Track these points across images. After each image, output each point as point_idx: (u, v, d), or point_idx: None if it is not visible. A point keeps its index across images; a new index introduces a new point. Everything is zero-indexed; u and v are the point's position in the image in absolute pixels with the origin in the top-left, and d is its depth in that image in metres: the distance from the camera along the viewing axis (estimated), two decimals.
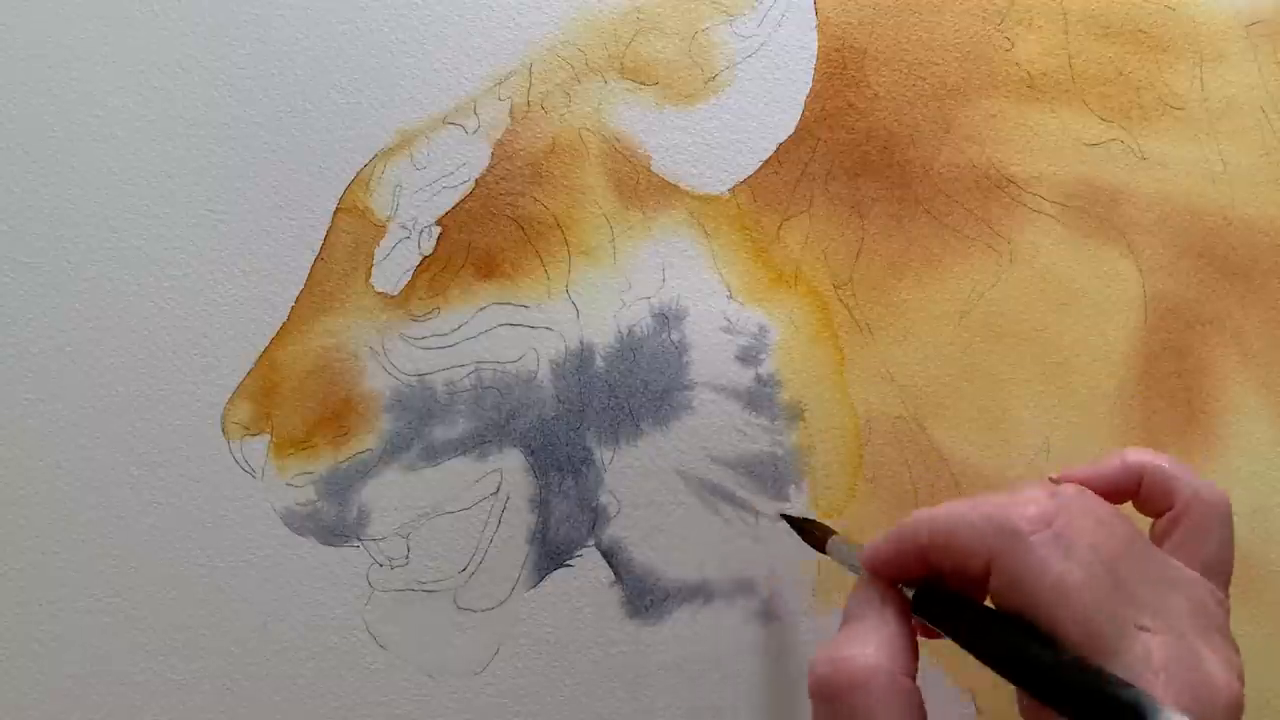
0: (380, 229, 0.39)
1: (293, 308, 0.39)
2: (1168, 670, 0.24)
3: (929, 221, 0.43)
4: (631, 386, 0.40)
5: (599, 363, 0.40)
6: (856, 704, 0.26)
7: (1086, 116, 0.45)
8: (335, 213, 0.39)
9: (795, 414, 0.42)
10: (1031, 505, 0.26)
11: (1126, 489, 0.32)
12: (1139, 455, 0.32)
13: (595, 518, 0.40)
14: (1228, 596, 0.29)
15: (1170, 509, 0.31)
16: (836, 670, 0.26)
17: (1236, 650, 0.27)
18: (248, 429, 0.38)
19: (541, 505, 0.39)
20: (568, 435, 0.40)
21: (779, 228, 0.42)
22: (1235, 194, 0.46)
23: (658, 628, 0.40)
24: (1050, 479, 0.33)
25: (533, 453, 0.40)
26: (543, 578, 0.39)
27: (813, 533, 0.38)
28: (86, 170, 0.38)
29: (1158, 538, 0.31)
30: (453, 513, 0.39)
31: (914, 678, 0.27)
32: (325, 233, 0.39)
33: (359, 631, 0.38)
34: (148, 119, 0.38)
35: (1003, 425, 0.44)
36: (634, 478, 0.40)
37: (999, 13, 0.45)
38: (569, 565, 0.40)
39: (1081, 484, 0.31)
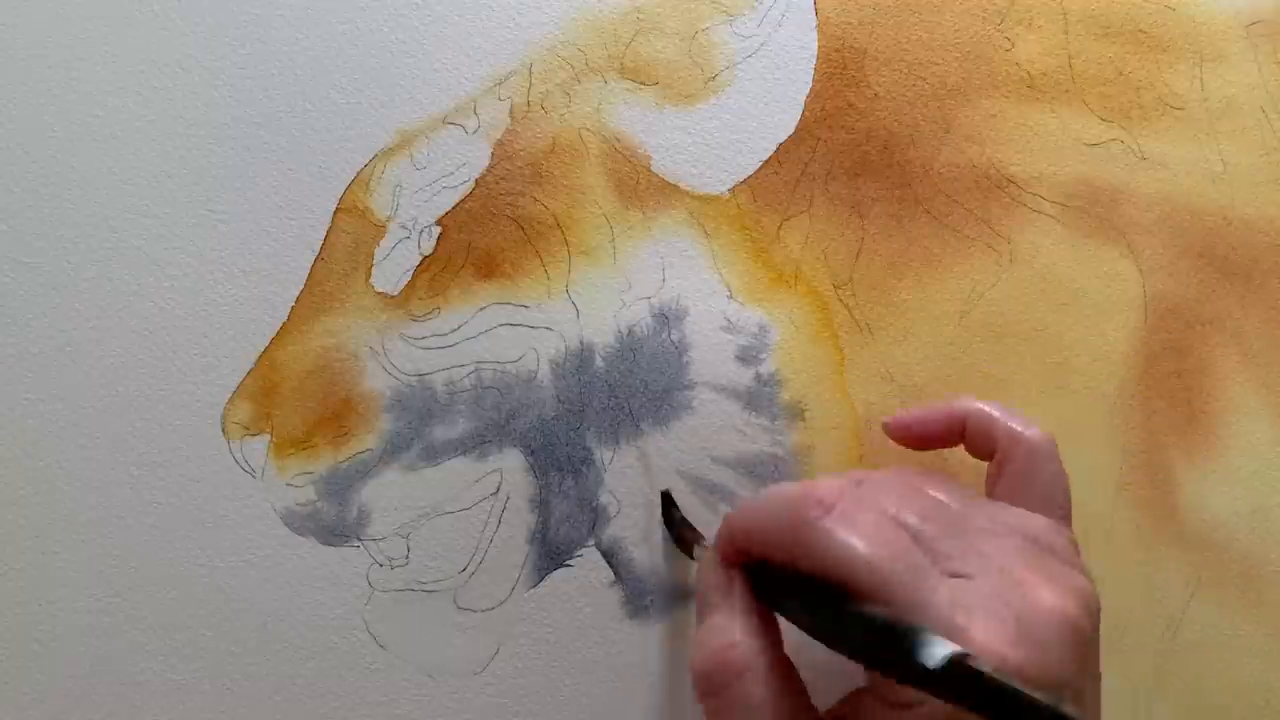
0: (380, 229, 0.39)
1: (293, 308, 0.39)
2: (983, 607, 0.25)
3: (929, 221, 0.43)
4: (631, 386, 0.40)
5: (599, 363, 0.40)
6: (742, 691, 0.27)
7: (1086, 116, 0.45)
8: (335, 213, 0.39)
9: (795, 414, 0.42)
10: (819, 490, 0.27)
11: (952, 434, 0.34)
12: (965, 402, 0.34)
13: (595, 518, 0.40)
14: (1069, 527, 0.30)
15: (994, 453, 0.33)
16: (716, 665, 0.27)
17: (1086, 577, 0.28)
18: (248, 429, 0.38)
19: (541, 505, 0.39)
20: (568, 435, 0.40)
21: (779, 228, 0.42)
22: (1235, 194, 0.46)
23: (658, 628, 0.40)
24: (883, 423, 0.35)
25: (533, 453, 0.40)
26: (543, 578, 0.39)
27: (683, 535, 0.38)
28: (86, 170, 0.38)
29: (989, 482, 0.33)
30: (453, 513, 0.39)
31: (781, 648, 0.28)
32: (325, 233, 0.39)
33: (359, 631, 0.38)
34: (148, 119, 0.38)
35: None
36: (634, 478, 0.40)
37: (999, 13, 0.45)
38: (569, 565, 0.40)
39: (908, 428, 0.34)
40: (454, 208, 0.40)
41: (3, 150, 0.37)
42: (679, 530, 0.39)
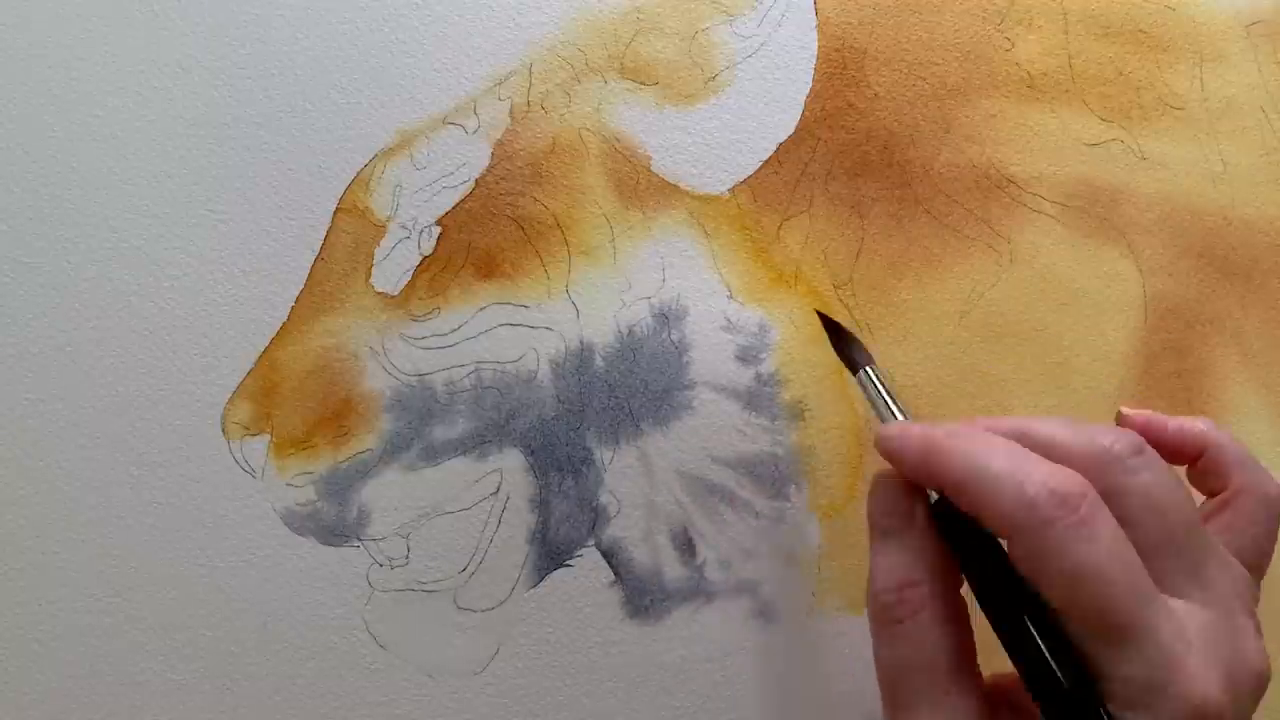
0: (380, 229, 0.39)
1: (293, 308, 0.39)
2: (1201, 641, 0.25)
3: (929, 221, 0.43)
4: (631, 386, 0.40)
5: (599, 363, 0.40)
6: (915, 630, 0.27)
7: (1086, 116, 0.45)
8: (335, 213, 0.39)
9: (796, 414, 0.42)
10: (1056, 482, 0.25)
11: (1184, 456, 0.32)
12: (1205, 427, 0.32)
13: (595, 518, 0.40)
14: (1259, 588, 0.29)
15: (1222, 490, 0.31)
16: (897, 599, 0.27)
17: (1261, 634, 0.27)
18: (248, 429, 0.38)
19: (541, 505, 0.39)
20: (568, 435, 0.40)
21: (779, 228, 0.42)
22: (1235, 194, 0.46)
23: (658, 628, 0.40)
24: (1120, 412, 0.33)
25: (533, 453, 0.40)
26: (543, 578, 0.39)
27: (848, 349, 0.36)
28: (86, 170, 0.38)
29: (1204, 517, 0.31)
30: (453, 513, 0.39)
31: (958, 593, 0.28)
32: (325, 233, 0.39)
33: (359, 631, 0.38)
34: (148, 119, 0.38)
35: None
36: (634, 478, 0.40)
37: (999, 13, 0.45)
38: (569, 565, 0.40)
39: (1144, 431, 0.31)
40: (454, 208, 0.40)
41: (3, 150, 0.37)
42: (849, 348, 0.36)
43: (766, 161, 0.42)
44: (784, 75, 0.43)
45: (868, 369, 0.35)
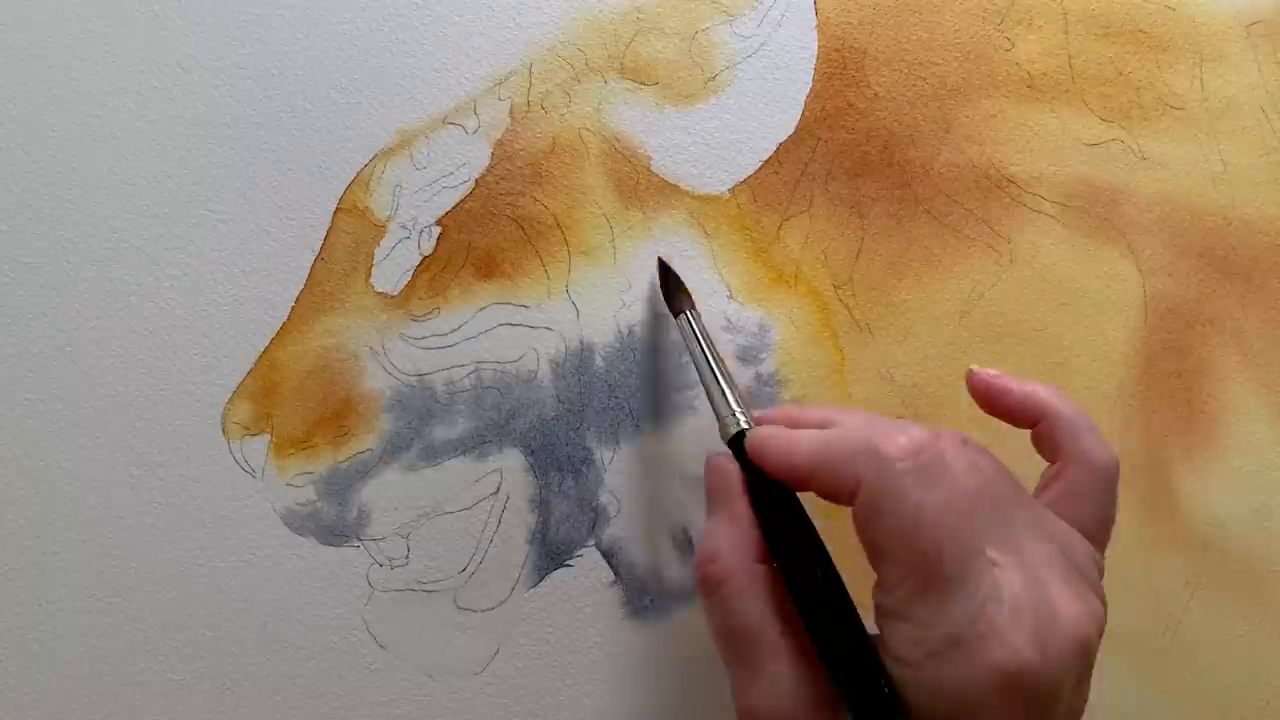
0: (380, 229, 0.39)
1: (293, 308, 0.39)
2: (1013, 602, 0.25)
3: (929, 221, 0.43)
4: (631, 386, 0.40)
5: (599, 363, 0.40)
6: (722, 599, 0.29)
7: (1086, 116, 0.45)
8: (335, 213, 0.39)
9: None
10: (905, 436, 0.28)
11: (1023, 419, 0.34)
12: (1045, 394, 0.33)
13: (595, 518, 0.40)
14: (1103, 556, 0.30)
15: (1057, 458, 0.32)
16: (707, 572, 0.30)
17: (1102, 602, 0.28)
18: (248, 429, 0.38)
19: (541, 505, 0.39)
20: (568, 435, 0.40)
21: (779, 228, 0.42)
22: (1235, 194, 0.46)
23: (658, 628, 0.40)
24: (969, 370, 0.35)
25: (533, 453, 0.40)
26: (543, 578, 0.39)
27: (675, 296, 0.39)
28: (86, 170, 0.38)
29: (1040, 487, 0.32)
30: (453, 513, 0.39)
31: (767, 561, 0.30)
32: (325, 233, 0.39)
33: (359, 631, 0.38)
34: (148, 119, 0.38)
35: (1002, 425, 0.44)
36: (634, 478, 0.40)
37: (999, 13, 0.45)
38: (569, 565, 0.40)
39: (988, 388, 0.34)
40: (454, 208, 0.40)
41: (3, 150, 0.37)
42: (675, 291, 0.39)
43: (766, 161, 0.42)
44: (784, 75, 0.43)
45: (688, 313, 0.37)
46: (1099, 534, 0.31)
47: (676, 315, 0.38)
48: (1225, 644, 0.44)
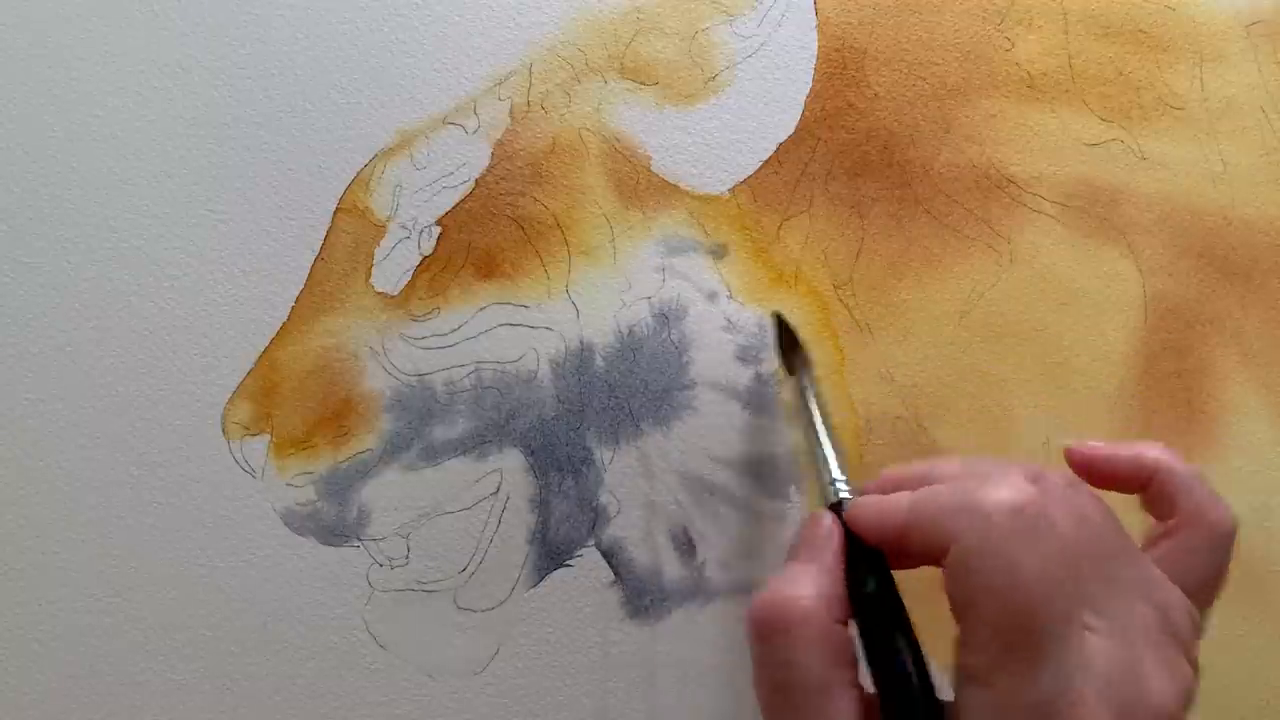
0: (380, 229, 0.39)
1: (293, 308, 0.39)
2: (1105, 676, 0.24)
3: (929, 221, 0.43)
4: (631, 386, 0.40)
5: (599, 363, 0.40)
6: (785, 646, 0.26)
7: (1086, 116, 0.45)
8: (335, 213, 0.39)
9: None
10: (1007, 489, 0.26)
11: (1133, 484, 0.32)
12: (1156, 454, 0.32)
13: (595, 518, 0.40)
14: (1204, 619, 0.29)
15: (1172, 517, 0.31)
16: (772, 612, 0.27)
17: (1195, 672, 0.27)
18: (248, 429, 0.38)
19: (541, 505, 0.39)
20: (568, 435, 0.40)
21: (779, 228, 0.42)
22: (1235, 194, 0.46)
23: (658, 628, 0.40)
24: (1065, 450, 0.32)
25: (533, 453, 0.40)
26: (543, 578, 0.39)
27: (791, 354, 0.39)
28: (86, 170, 0.38)
29: (1149, 541, 0.31)
30: (453, 513, 0.39)
31: (846, 623, 0.28)
32: (325, 233, 0.39)
33: (359, 631, 0.38)
34: (148, 119, 0.38)
35: (1003, 425, 0.44)
36: (634, 478, 0.40)
37: (999, 13, 0.45)
38: (569, 565, 0.40)
39: (1091, 463, 0.32)
40: (454, 208, 0.40)
41: (3, 150, 0.37)
42: (788, 351, 0.39)
43: (766, 161, 0.42)
44: (784, 75, 0.43)
45: (802, 374, 0.37)
46: (1206, 595, 0.30)
47: (791, 374, 0.38)
48: (1225, 644, 0.44)
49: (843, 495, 0.32)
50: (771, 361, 0.41)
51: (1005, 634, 0.24)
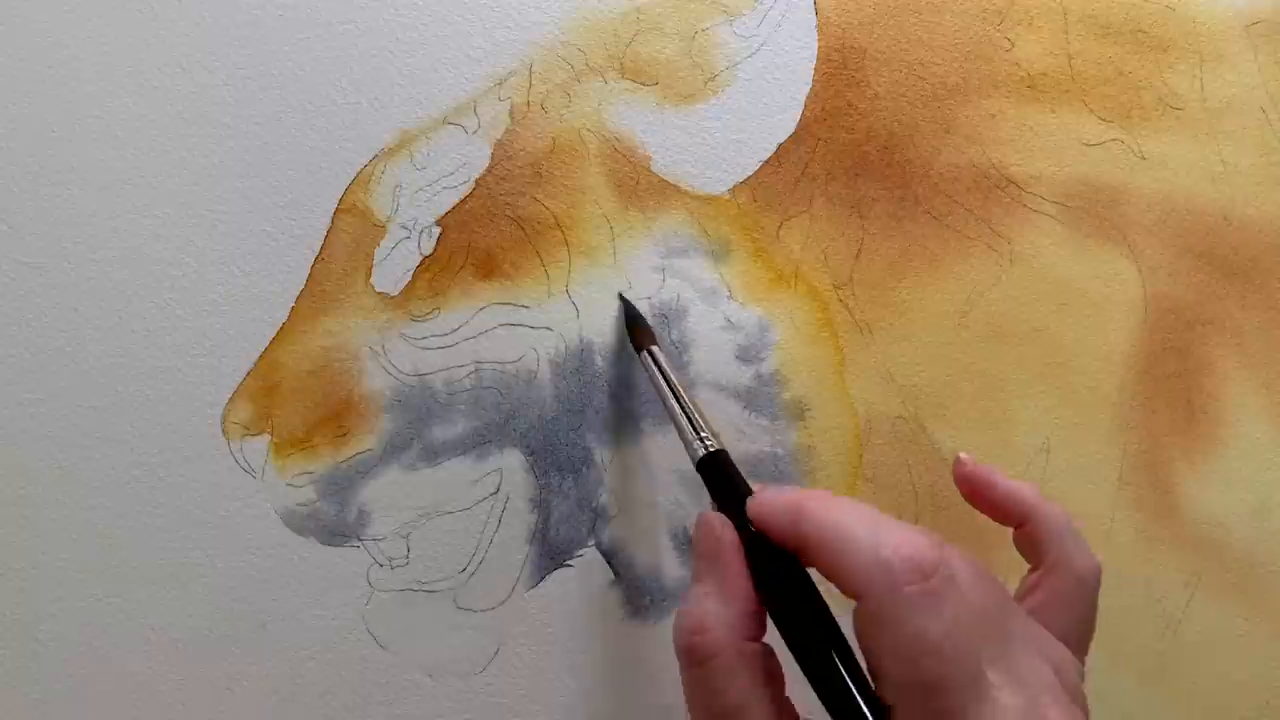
0: (380, 229, 0.39)
1: (293, 308, 0.39)
2: None
3: (929, 221, 0.43)
4: (632, 386, 0.40)
5: (599, 363, 0.40)
6: (708, 675, 0.27)
7: (1086, 116, 0.45)
8: (335, 213, 0.39)
9: (796, 414, 0.42)
10: (911, 549, 0.26)
11: (1008, 518, 0.33)
12: (1033, 498, 0.32)
13: (595, 518, 0.40)
14: (1084, 665, 0.30)
15: (1039, 565, 0.31)
16: (686, 644, 0.27)
17: (1086, 716, 0.27)
18: (248, 429, 0.38)
19: (541, 505, 0.39)
20: (568, 435, 0.40)
21: (779, 228, 0.42)
22: (1235, 194, 0.46)
23: (658, 628, 0.40)
24: (956, 458, 0.33)
25: (533, 453, 0.40)
26: (543, 578, 0.39)
27: (635, 331, 0.39)
28: (86, 170, 0.38)
29: (1023, 593, 0.32)
30: (453, 513, 0.39)
31: (759, 638, 0.28)
32: (325, 233, 0.39)
33: (359, 631, 0.38)
34: (148, 119, 0.38)
35: (1003, 425, 0.44)
36: (634, 478, 0.40)
37: (999, 13, 0.45)
38: (569, 565, 0.40)
39: (973, 479, 0.33)
40: (454, 208, 0.40)
41: (3, 150, 0.37)
42: (636, 329, 0.39)
43: (766, 161, 0.42)
44: (784, 75, 0.43)
45: (651, 349, 0.37)
46: (1081, 644, 0.30)
47: (639, 352, 0.38)
48: (1225, 644, 0.44)
49: (710, 449, 0.32)
50: (771, 361, 0.41)
51: (917, 698, 0.25)
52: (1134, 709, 0.44)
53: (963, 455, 0.34)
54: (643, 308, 0.41)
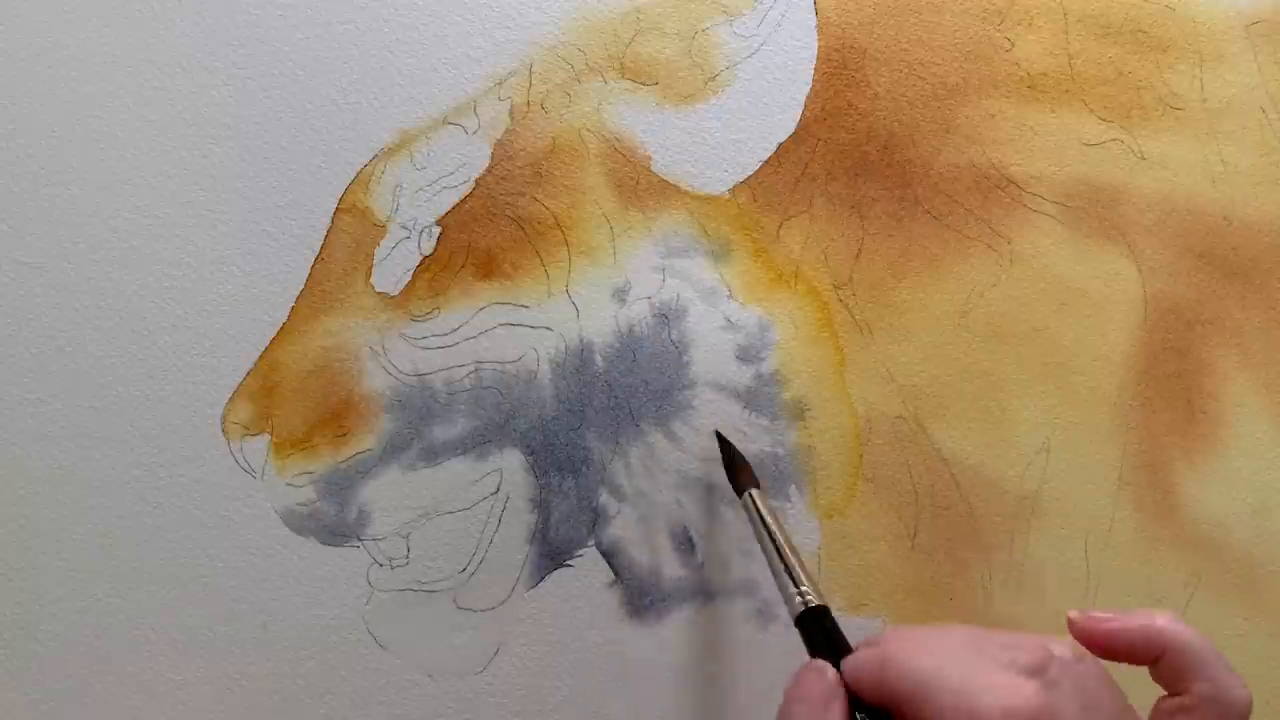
0: (380, 229, 0.39)
1: (293, 308, 0.39)
2: None
3: (929, 221, 0.43)
4: (631, 386, 0.40)
5: (599, 362, 0.40)
6: None
7: (1086, 116, 0.45)
8: (335, 213, 0.39)
9: (796, 414, 0.42)
10: (1009, 697, 0.25)
11: (1144, 658, 0.31)
12: (1166, 624, 0.30)
13: (595, 518, 0.40)
14: None
15: (1183, 694, 0.30)
16: None
17: None
18: (248, 429, 0.38)
19: (541, 505, 0.39)
20: (568, 435, 0.40)
21: (779, 228, 0.42)
22: (1235, 194, 0.46)
23: (658, 628, 0.40)
24: (1069, 617, 0.31)
25: (533, 453, 0.40)
26: (543, 578, 0.39)
27: (737, 476, 0.38)
28: (86, 170, 0.38)
29: (1160, 712, 0.30)
30: (453, 513, 0.39)
31: None
32: (325, 233, 0.39)
33: (359, 631, 0.38)
34: (148, 119, 0.38)
35: (1003, 425, 0.44)
36: (634, 478, 0.40)
37: (999, 13, 0.45)
38: (569, 565, 0.40)
39: (1095, 636, 0.30)
40: (454, 208, 0.40)
41: (3, 150, 0.37)
42: (736, 468, 0.38)
43: (766, 161, 0.42)
44: (784, 75, 0.43)
45: (751, 492, 0.36)
46: None
47: (740, 494, 0.37)
48: (1225, 644, 0.44)
49: (810, 604, 0.31)
50: (771, 361, 0.41)
51: None
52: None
53: (1072, 614, 0.31)
54: (642, 308, 0.41)
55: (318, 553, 0.38)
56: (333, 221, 0.39)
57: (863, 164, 0.43)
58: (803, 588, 0.32)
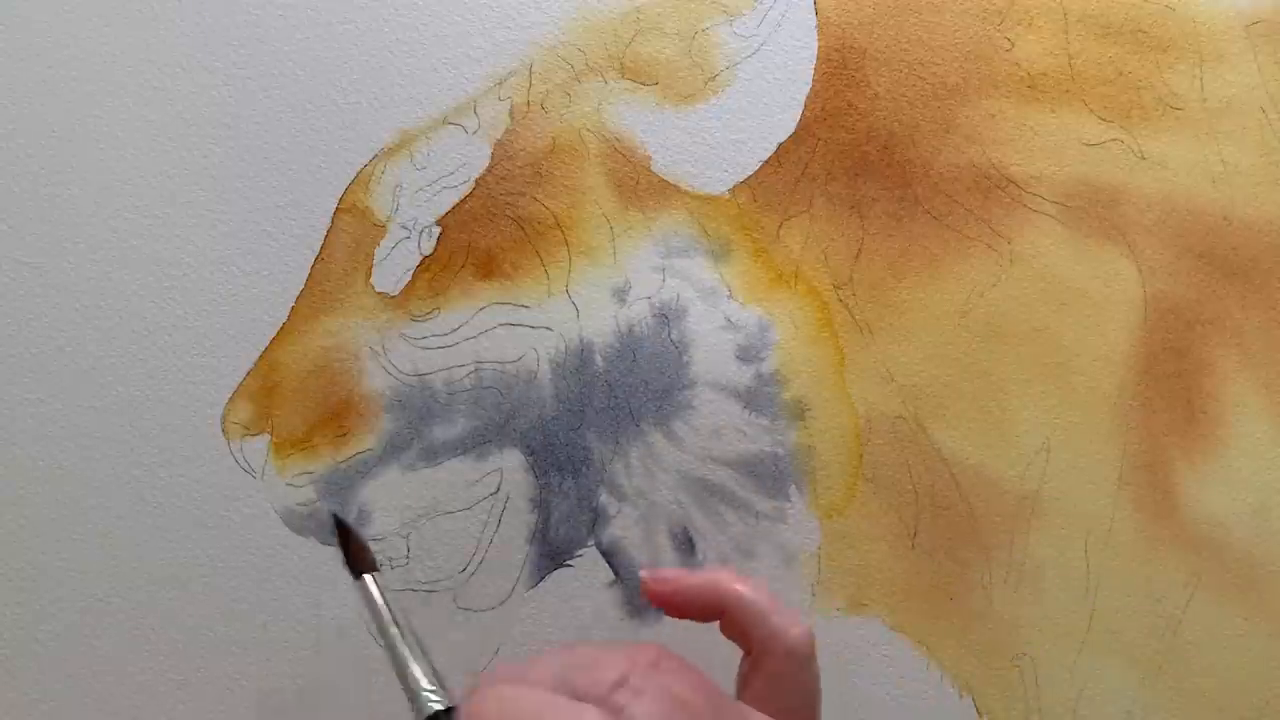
0: (380, 229, 0.39)
1: (293, 308, 0.39)
2: None
3: (929, 221, 0.43)
4: (631, 386, 0.40)
5: (599, 362, 0.40)
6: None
7: (1086, 116, 0.45)
8: (335, 213, 0.39)
9: (796, 414, 0.42)
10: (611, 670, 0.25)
11: (709, 612, 0.31)
12: (725, 584, 0.31)
13: (595, 518, 0.40)
14: None
15: (749, 650, 0.30)
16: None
17: None
18: (248, 429, 0.38)
19: (541, 505, 0.39)
20: (568, 435, 0.40)
21: (779, 228, 0.42)
22: (1235, 194, 0.46)
23: (658, 628, 0.40)
24: (641, 577, 0.32)
25: (533, 453, 0.40)
26: (543, 578, 0.39)
27: (354, 556, 0.33)
28: (86, 170, 0.38)
29: (741, 682, 0.30)
30: (453, 513, 0.39)
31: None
32: (325, 233, 0.39)
33: (359, 631, 0.38)
34: (148, 119, 0.38)
35: (1003, 425, 0.44)
36: (634, 478, 0.40)
37: (999, 13, 0.45)
38: (569, 565, 0.40)
39: (662, 596, 0.31)
40: (454, 208, 0.40)
41: (3, 150, 0.37)
42: (352, 549, 0.33)
43: (766, 161, 0.42)
44: (784, 75, 0.43)
45: (369, 576, 0.32)
46: (809, 714, 0.30)
47: (357, 577, 0.32)
48: (1225, 644, 0.44)
49: (435, 707, 0.30)
50: (771, 360, 0.41)
51: None
52: (1134, 709, 0.44)
53: (643, 574, 0.32)
54: (642, 308, 0.41)
55: (318, 553, 0.38)
56: (333, 221, 0.39)
57: (863, 164, 0.43)
58: (430, 687, 0.31)
